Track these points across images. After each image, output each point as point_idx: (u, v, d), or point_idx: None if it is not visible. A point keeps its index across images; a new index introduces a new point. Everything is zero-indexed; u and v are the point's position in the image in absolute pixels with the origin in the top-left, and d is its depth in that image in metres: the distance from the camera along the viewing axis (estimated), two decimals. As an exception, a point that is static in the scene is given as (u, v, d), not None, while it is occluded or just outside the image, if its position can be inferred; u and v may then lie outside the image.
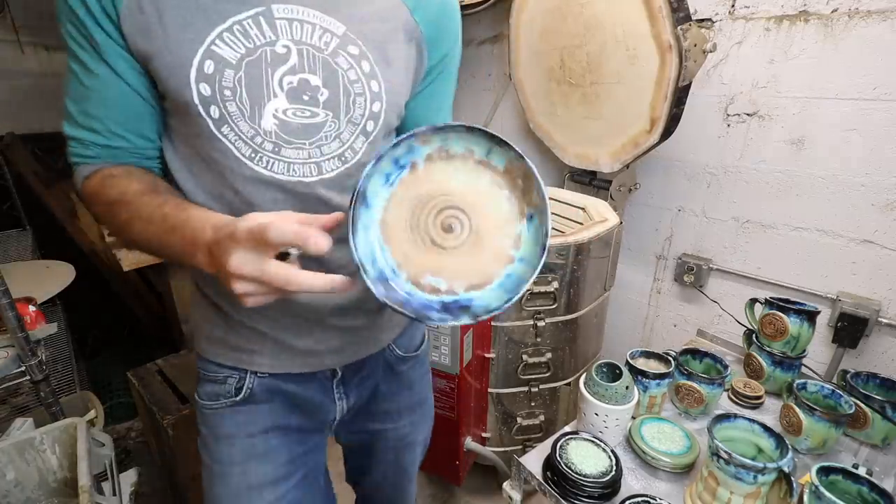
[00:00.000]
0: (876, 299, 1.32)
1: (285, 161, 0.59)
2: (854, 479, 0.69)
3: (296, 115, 0.58)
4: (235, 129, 0.57)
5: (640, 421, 0.94)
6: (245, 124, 0.57)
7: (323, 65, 0.59)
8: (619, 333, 1.92)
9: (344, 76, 0.60)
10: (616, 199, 1.65)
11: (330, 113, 0.60)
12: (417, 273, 0.52)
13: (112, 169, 0.59)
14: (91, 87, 0.56)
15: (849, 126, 1.27)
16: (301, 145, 0.60)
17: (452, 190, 0.52)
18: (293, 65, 0.57)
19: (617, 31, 1.38)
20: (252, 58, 0.56)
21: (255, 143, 0.58)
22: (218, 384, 0.70)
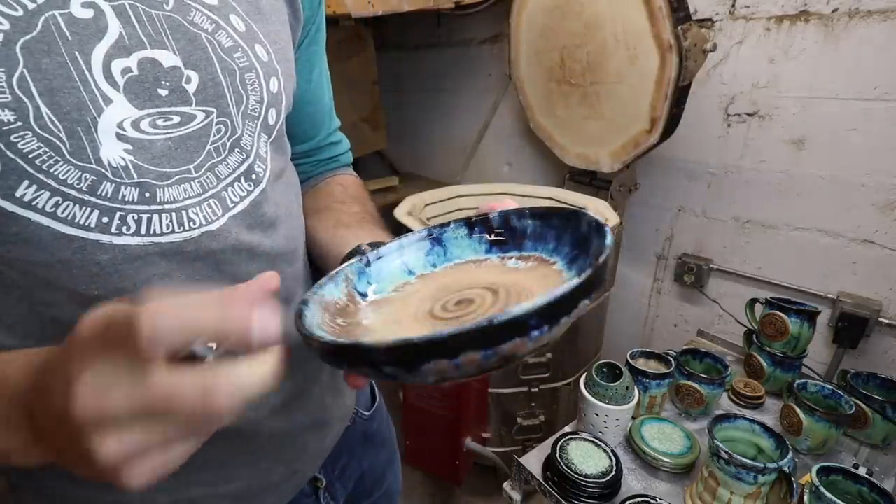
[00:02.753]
0: (876, 299, 1.32)
1: (169, 209, 0.35)
2: (854, 480, 0.69)
3: (157, 124, 0.34)
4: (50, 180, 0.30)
5: (641, 421, 0.94)
6: (66, 167, 0.30)
7: (171, 29, 0.34)
8: (619, 333, 1.92)
9: (214, 44, 0.36)
10: (616, 199, 1.65)
11: (213, 110, 0.37)
12: None
13: None
14: None
15: (849, 126, 1.27)
16: (185, 174, 0.35)
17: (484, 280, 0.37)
18: (116, 37, 0.32)
19: (617, 31, 1.38)
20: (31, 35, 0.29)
21: (100, 194, 0.32)
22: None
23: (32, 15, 0.28)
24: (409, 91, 2.49)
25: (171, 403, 0.21)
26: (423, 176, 2.58)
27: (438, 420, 1.38)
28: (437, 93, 2.38)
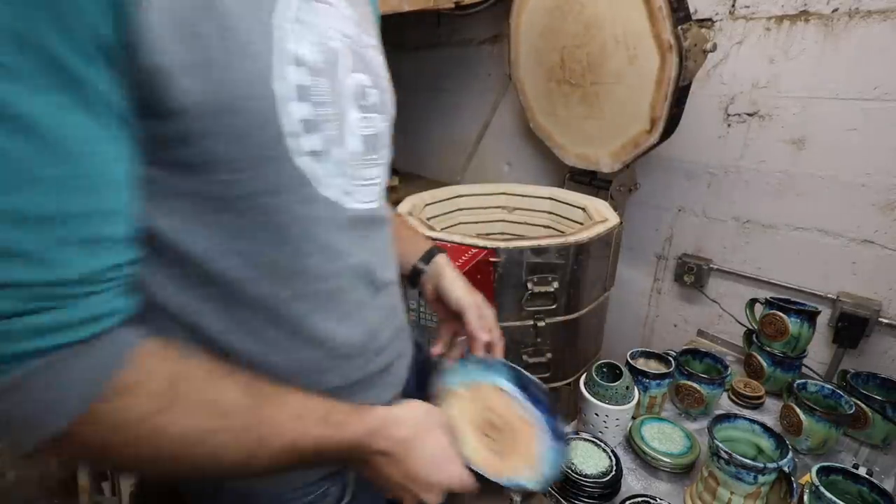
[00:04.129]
0: (876, 299, 1.32)
1: (366, 185, 0.48)
2: (854, 480, 0.69)
3: (366, 127, 0.47)
4: (332, 159, 0.42)
5: (641, 421, 0.94)
6: (339, 150, 0.43)
7: (363, 60, 0.47)
8: (619, 333, 1.92)
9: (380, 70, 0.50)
10: (616, 199, 1.65)
11: (382, 118, 0.50)
12: None
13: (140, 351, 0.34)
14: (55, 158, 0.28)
15: (849, 126, 1.27)
16: (375, 161, 0.49)
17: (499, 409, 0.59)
18: (349, 63, 0.44)
19: (617, 31, 1.37)
20: (327, 58, 0.41)
21: (350, 172, 0.45)
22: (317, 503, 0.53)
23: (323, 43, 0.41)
24: (409, 91, 2.48)
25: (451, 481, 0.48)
26: (423, 176, 2.58)
27: (438, 420, 1.38)
28: (437, 93, 2.38)
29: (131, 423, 0.32)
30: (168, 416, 0.33)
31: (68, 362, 0.30)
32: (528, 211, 1.80)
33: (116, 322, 0.33)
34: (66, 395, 0.30)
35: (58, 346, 0.30)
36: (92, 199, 0.30)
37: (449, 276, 0.67)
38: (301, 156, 0.39)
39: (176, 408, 0.34)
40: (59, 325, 0.30)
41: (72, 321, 0.30)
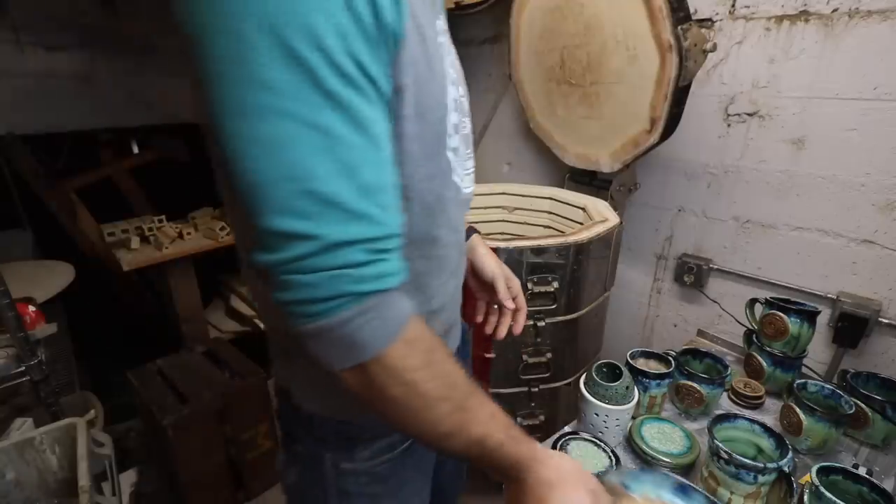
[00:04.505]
0: (876, 299, 1.32)
1: (468, 174, 0.58)
2: (854, 479, 0.69)
3: (464, 128, 0.56)
4: (459, 154, 0.53)
5: (640, 421, 0.94)
6: (462, 147, 0.54)
7: (461, 76, 0.56)
8: (619, 333, 1.92)
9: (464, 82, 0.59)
10: (616, 199, 1.65)
11: (469, 119, 0.59)
12: None
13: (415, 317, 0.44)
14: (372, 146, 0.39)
15: (849, 126, 1.27)
16: (470, 155, 0.60)
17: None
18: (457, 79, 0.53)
19: (617, 31, 1.37)
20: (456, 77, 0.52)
21: (465, 163, 0.56)
22: (388, 436, 0.62)
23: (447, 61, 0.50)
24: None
25: None
26: (423, 176, 2.58)
27: (438, 420, 1.38)
28: (437, 93, 2.38)
29: (406, 370, 0.42)
30: (423, 373, 0.43)
31: (387, 303, 0.41)
32: (528, 211, 1.80)
33: (404, 278, 0.43)
34: (385, 327, 0.41)
35: (385, 288, 0.41)
36: (392, 175, 0.42)
37: (482, 251, 0.78)
38: (448, 150, 0.51)
39: (430, 369, 0.44)
40: (385, 273, 0.41)
41: (393, 271, 0.41)
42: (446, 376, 0.45)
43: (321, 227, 0.37)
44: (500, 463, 0.49)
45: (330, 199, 0.37)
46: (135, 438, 1.93)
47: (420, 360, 0.43)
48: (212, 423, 1.54)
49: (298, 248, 0.37)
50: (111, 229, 2.00)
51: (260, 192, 0.37)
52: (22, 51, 2.08)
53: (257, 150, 0.36)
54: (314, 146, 0.36)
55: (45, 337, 1.25)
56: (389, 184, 0.41)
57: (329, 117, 0.36)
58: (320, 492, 0.61)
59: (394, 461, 0.63)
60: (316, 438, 0.60)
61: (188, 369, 1.69)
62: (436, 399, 0.44)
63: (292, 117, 0.35)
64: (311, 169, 0.36)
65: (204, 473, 1.56)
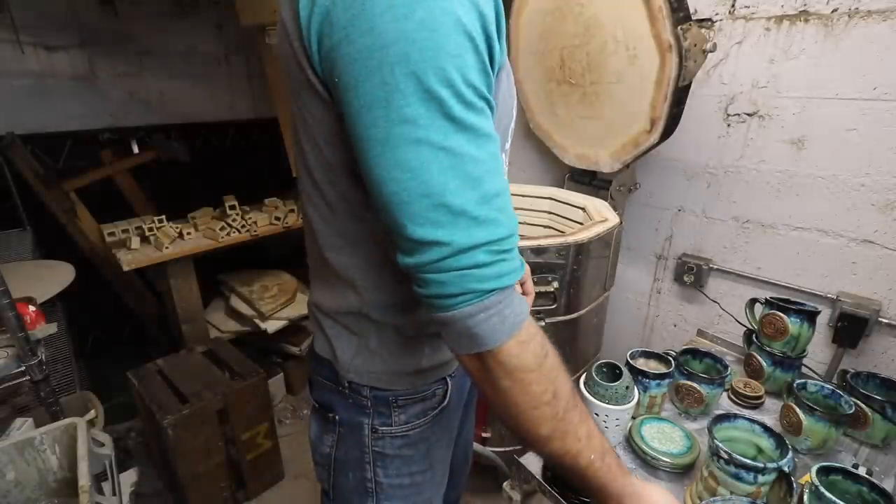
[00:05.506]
0: (876, 299, 1.32)
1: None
2: (854, 479, 0.69)
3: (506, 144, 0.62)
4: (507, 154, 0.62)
5: (640, 421, 0.94)
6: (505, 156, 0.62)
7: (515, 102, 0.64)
8: (619, 333, 1.92)
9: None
10: (616, 199, 1.65)
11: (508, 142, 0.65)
12: None
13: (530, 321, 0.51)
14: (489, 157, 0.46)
15: (849, 126, 1.27)
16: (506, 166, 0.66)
17: None
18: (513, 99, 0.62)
19: (617, 31, 1.37)
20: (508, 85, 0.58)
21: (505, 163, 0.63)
22: (427, 400, 0.69)
23: None
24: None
25: None
26: (423, 176, 2.58)
27: (438, 420, 1.38)
28: (437, 93, 2.38)
29: (517, 368, 0.48)
30: (532, 375, 0.49)
31: (507, 302, 0.48)
32: (528, 211, 1.80)
33: (521, 274, 0.49)
34: (501, 325, 0.47)
35: (503, 286, 0.47)
36: (504, 181, 0.48)
37: None
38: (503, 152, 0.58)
39: (538, 372, 0.49)
40: (503, 272, 0.47)
41: (509, 270, 0.47)
42: (552, 382, 0.50)
43: (452, 235, 0.44)
44: (590, 483, 0.54)
45: (458, 209, 0.44)
46: (135, 438, 1.93)
47: (531, 362, 0.49)
48: (212, 423, 1.54)
49: (434, 253, 0.45)
50: (111, 229, 2.00)
51: (403, 208, 0.44)
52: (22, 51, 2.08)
53: (399, 174, 0.43)
54: (444, 165, 0.43)
55: (45, 337, 1.25)
56: (504, 188, 0.48)
57: (457, 141, 0.43)
58: (358, 455, 0.68)
59: (425, 426, 0.69)
60: (357, 406, 0.66)
61: (188, 369, 1.69)
62: (540, 402, 0.49)
63: (427, 143, 0.43)
64: (445, 185, 0.43)
65: (204, 473, 1.56)
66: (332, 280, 0.64)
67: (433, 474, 0.73)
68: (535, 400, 0.49)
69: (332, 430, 0.69)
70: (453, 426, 0.77)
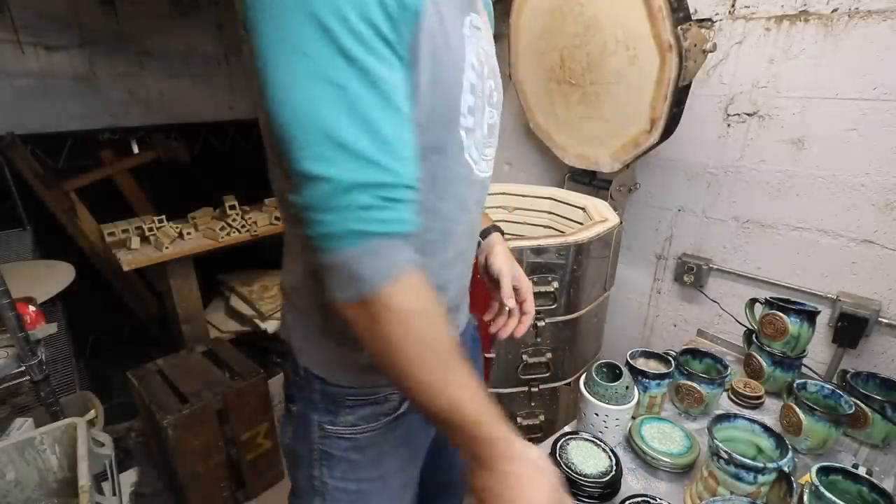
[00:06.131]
0: (876, 299, 1.32)
1: (485, 160, 0.64)
2: (854, 479, 0.69)
3: (490, 118, 0.63)
4: (474, 136, 0.59)
5: (640, 421, 0.94)
6: (480, 130, 0.60)
7: (493, 69, 0.63)
8: (619, 333, 1.92)
9: (499, 76, 0.65)
10: (616, 199, 1.65)
11: (498, 112, 0.66)
12: None
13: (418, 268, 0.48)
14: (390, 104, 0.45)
15: (849, 126, 1.27)
16: (491, 143, 0.66)
17: None
18: (487, 72, 0.61)
19: (617, 32, 1.38)
20: (480, 66, 0.57)
21: (480, 147, 0.62)
22: (378, 405, 0.66)
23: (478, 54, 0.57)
24: (409, 91, 2.48)
25: None
26: (423, 176, 2.58)
27: (438, 420, 1.38)
28: (437, 93, 2.38)
29: (403, 311, 0.46)
30: (419, 318, 0.47)
31: (392, 246, 0.46)
32: (528, 211, 1.80)
33: (412, 229, 0.47)
34: (386, 266, 0.45)
35: (389, 232, 0.45)
36: (406, 129, 0.47)
37: (498, 249, 0.81)
38: (462, 129, 0.56)
39: (425, 316, 0.48)
40: (391, 219, 0.45)
41: (399, 219, 0.46)
42: (438, 329, 0.48)
43: (337, 170, 0.43)
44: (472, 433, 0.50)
45: (345, 144, 0.43)
46: (135, 438, 1.93)
47: (417, 305, 0.47)
48: (212, 423, 1.54)
49: (317, 189, 0.44)
50: (111, 229, 2.00)
51: (294, 143, 0.43)
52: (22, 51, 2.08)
53: (291, 107, 0.43)
54: (335, 100, 0.43)
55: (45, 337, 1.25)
56: (407, 139, 0.47)
57: (349, 77, 0.43)
58: (306, 451, 0.66)
59: (376, 432, 0.66)
60: (307, 399, 0.65)
61: (188, 369, 1.69)
62: (426, 346, 0.47)
63: (321, 77, 0.42)
64: (332, 119, 0.43)
65: (204, 473, 1.56)
66: (290, 254, 0.64)
67: (385, 485, 0.69)
68: (422, 345, 0.47)
69: (291, 421, 0.68)
70: (418, 441, 0.73)
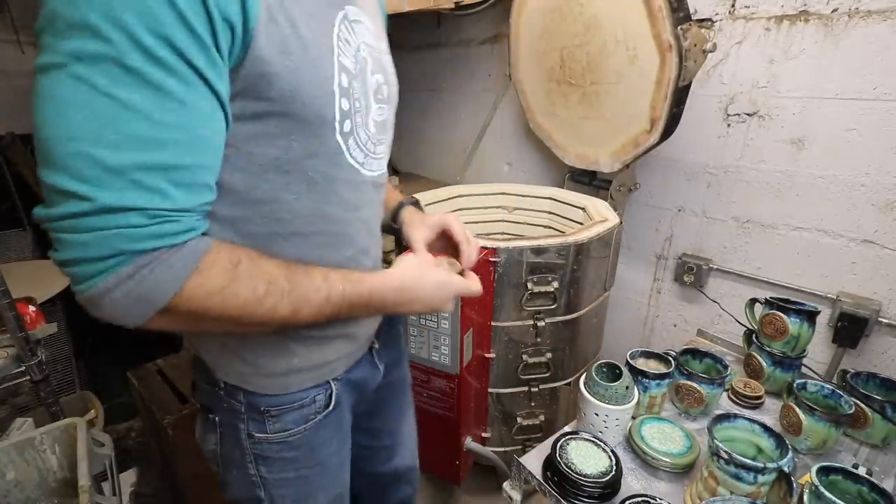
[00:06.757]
0: (876, 299, 1.32)
1: (375, 158, 0.64)
2: (854, 479, 0.69)
3: (379, 114, 0.64)
4: (356, 138, 0.59)
5: (640, 421, 0.94)
6: (363, 132, 0.60)
7: (380, 63, 0.64)
8: (619, 333, 1.92)
9: (389, 69, 0.66)
10: (616, 199, 1.65)
11: (390, 107, 0.67)
12: None
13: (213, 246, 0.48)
14: (173, 125, 0.42)
15: (849, 126, 1.27)
16: (382, 140, 0.66)
17: None
18: (372, 67, 0.61)
19: (617, 31, 1.38)
20: (359, 66, 0.57)
21: (367, 148, 0.62)
22: (306, 407, 0.67)
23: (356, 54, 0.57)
24: (409, 91, 2.49)
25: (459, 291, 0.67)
26: (422, 176, 2.58)
27: (438, 420, 1.38)
28: (437, 93, 2.38)
29: (213, 293, 0.46)
30: (234, 286, 0.48)
31: (172, 255, 0.44)
32: (528, 211, 1.80)
33: (199, 233, 0.46)
34: (171, 276, 0.44)
35: (166, 245, 0.43)
36: (203, 156, 0.45)
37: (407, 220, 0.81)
38: (339, 134, 0.55)
39: (239, 280, 0.48)
40: (167, 233, 0.43)
41: (176, 231, 0.44)
42: (259, 276, 0.49)
43: (96, 191, 0.39)
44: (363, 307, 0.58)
45: (110, 166, 0.39)
46: (135, 438, 1.93)
47: (221, 279, 0.47)
48: (212, 423, 1.54)
49: (72, 207, 0.40)
50: (111, 229, 2.00)
51: (47, 148, 0.39)
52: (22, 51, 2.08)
53: (51, 108, 0.39)
54: (105, 115, 0.39)
55: (45, 337, 1.25)
56: (195, 164, 0.44)
57: (130, 92, 0.39)
58: (238, 455, 0.67)
59: (306, 432, 0.68)
60: (230, 410, 0.65)
61: (188, 369, 1.68)
62: (257, 300, 0.49)
63: (89, 84, 0.38)
64: (96, 134, 0.39)
65: (204, 473, 1.56)
66: None
67: (323, 469, 0.72)
68: (253, 302, 0.49)
69: (214, 430, 0.68)
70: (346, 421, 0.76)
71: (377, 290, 0.59)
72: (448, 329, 1.25)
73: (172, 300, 0.44)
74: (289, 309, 0.51)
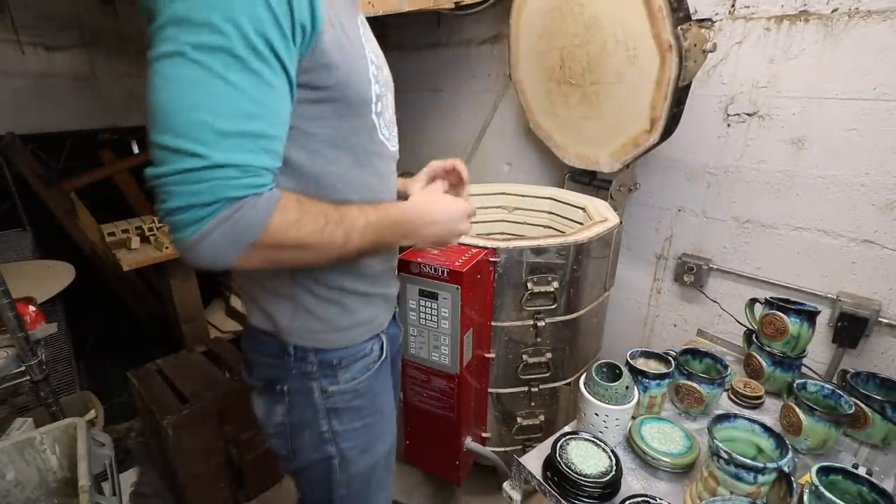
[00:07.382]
0: (876, 299, 1.32)
1: (393, 136, 0.77)
2: (854, 479, 0.69)
3: (384, 97, 0.73)
4: (384, 118, 0.72)
5: (640, 421, 0.94)
6: (387, 112, 0.74)
7: (382, 57, 0.75)
8: (619, 333, 1.92)
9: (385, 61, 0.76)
10: (616, 199, 1.65)
11: (392, 93, 0.78)
12: None
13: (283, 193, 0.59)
14: (265, 104, 0.53)
15: (849, 126, 1.27)
16: (394, 122, 0.78)
17: None
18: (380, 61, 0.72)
19: (617, 31, 1.38)
20: (378, 58, 0.71)
21: (389, 126, 0.75)
22: (366, 357, 0.78)
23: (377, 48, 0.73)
24: (409, 91, 2.48)
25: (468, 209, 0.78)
26: (423, 176, 2.57)
27: (438, 420, 1.38)
28: (437, 93, 2.38)
29: (289, 226, 0.57)
30: (304, 219, 0.58)
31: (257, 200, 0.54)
32: (528, 211, 1.80)
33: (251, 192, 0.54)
34: (258, 215, 0.54)
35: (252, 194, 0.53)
36: (281, 129, 0.57)
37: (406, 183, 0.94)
38: (374, 114, 0.68)
39: (306, 214, 0.58)
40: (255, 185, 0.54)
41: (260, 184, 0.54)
42: (319, 212, 0.60)
43: (209, 150, 0.50)
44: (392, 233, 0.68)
45: (221, 131, 0.50)
46: (135, 438, 1.93)
47: (293, 214, 0.57)
48: (212, 423, 1.54)
49: (187, 163, 0.49)
50: (111, 229, 2.00)
51: (167, 118, 0.49)
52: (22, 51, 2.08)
53: (175, 85, 0.49)
54: (220, 93, 0.50)
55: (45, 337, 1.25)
56: (276, 135, 0.56)
57: (237, 75, 0.50)
58: (311, 414, 0.75)
59: (369, 380, 0.79)
60: (303, 374, 0.74)
61: (188, 369, 1.69)
62: (319, 229, 0.59)
63: (208, 69, 0.49)
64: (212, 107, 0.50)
65: (204, 473, 1.56)
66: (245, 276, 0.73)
67: (382, 416, 0.83)
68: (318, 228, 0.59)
69: (282, 400, 0.75)
70: (392, 372, 0.89)
71: (401, 214, 0.69)
72: (448, 329, 1.25)
73: (260, 235, 0.54)
74: (342, 236, 0.61)
